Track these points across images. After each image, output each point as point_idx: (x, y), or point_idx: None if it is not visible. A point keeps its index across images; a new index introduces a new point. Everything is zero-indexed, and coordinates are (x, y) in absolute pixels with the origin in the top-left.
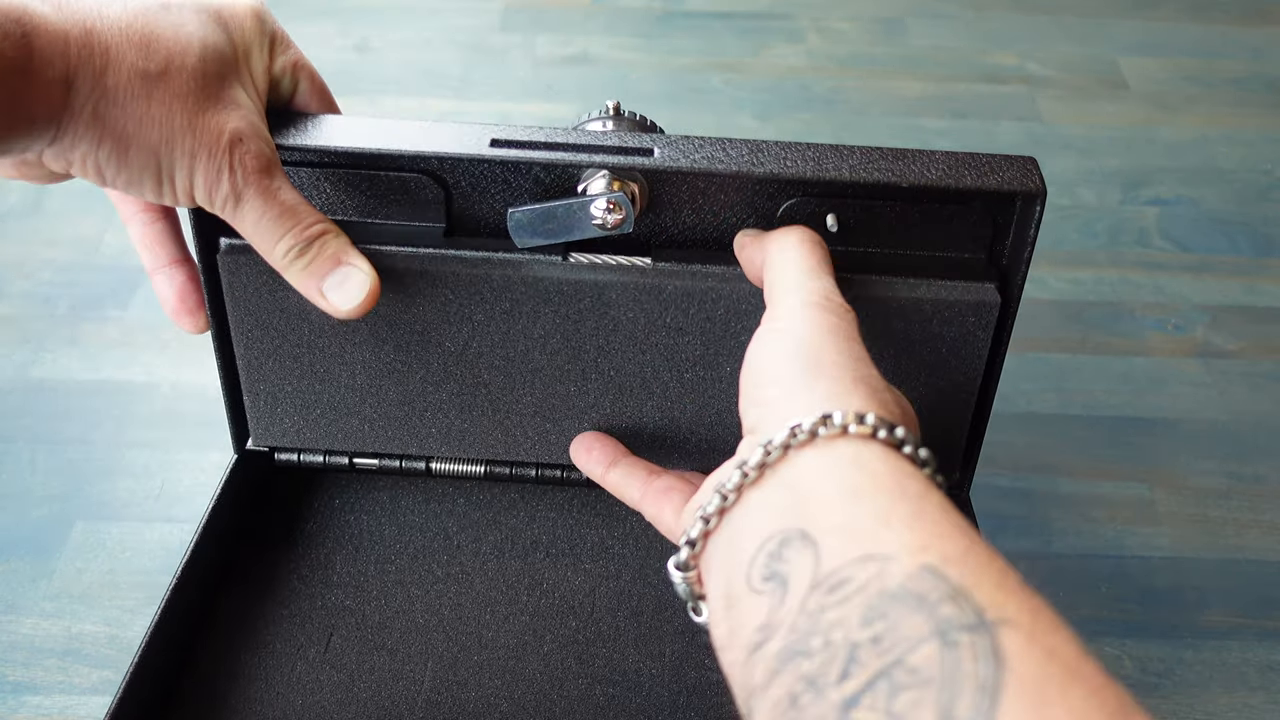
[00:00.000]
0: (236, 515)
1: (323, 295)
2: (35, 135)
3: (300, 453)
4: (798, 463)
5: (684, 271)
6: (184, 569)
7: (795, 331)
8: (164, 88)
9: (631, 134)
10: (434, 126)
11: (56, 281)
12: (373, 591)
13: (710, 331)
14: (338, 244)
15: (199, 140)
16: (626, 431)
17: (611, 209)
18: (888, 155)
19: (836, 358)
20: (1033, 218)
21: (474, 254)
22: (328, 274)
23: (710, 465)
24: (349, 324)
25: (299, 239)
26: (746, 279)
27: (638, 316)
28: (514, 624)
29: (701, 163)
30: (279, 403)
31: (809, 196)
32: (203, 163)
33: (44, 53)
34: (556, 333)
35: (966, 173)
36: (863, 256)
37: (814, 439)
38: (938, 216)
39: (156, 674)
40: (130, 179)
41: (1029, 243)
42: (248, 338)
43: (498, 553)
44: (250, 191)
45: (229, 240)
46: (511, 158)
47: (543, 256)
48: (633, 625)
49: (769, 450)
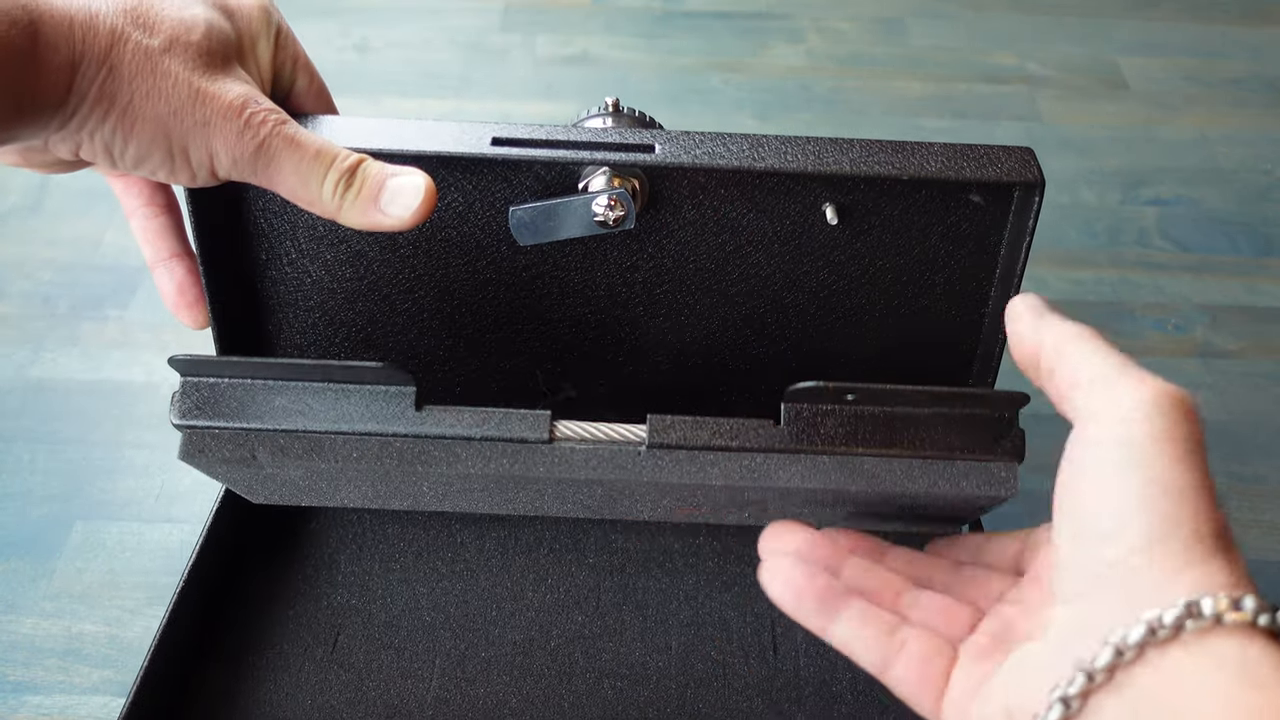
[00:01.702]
0: (240, 516)
1: (384, 213)
2: (43, 121)
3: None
4: (1162, 668)
5: (681, 460)
6: (189, 572)
7: (1133, 448)
8: (168, 61)
9: (632, 130)
10: (434, 125)
11: (56, 281)
12: (378, 590)
13: (713, 499)
14: (377, 165)
15: (210, 108)
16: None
17: (612, 205)
18: (886, 148)
19: (1192, 498)
20: (1031, 208)
21: (448, 439)
22: (379, 193)
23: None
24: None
25: (342, 172)
26: (746, 454)
27: (633, 506)
28: (520, 620)
29: (702, 158)
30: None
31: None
32: (219, 129)
33: (49, 37)
34: (544, 504)
35: (965, 164)
36: (864, 249)
37: (1178, 634)
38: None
39: (165, 677)
40: (139, 155)
41: (1028, 232)
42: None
43: (502, 549)
44: (278, 142)
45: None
46: (513, 157)
47: (523, 444)
48: (638, 619)
49: (1121, 650)
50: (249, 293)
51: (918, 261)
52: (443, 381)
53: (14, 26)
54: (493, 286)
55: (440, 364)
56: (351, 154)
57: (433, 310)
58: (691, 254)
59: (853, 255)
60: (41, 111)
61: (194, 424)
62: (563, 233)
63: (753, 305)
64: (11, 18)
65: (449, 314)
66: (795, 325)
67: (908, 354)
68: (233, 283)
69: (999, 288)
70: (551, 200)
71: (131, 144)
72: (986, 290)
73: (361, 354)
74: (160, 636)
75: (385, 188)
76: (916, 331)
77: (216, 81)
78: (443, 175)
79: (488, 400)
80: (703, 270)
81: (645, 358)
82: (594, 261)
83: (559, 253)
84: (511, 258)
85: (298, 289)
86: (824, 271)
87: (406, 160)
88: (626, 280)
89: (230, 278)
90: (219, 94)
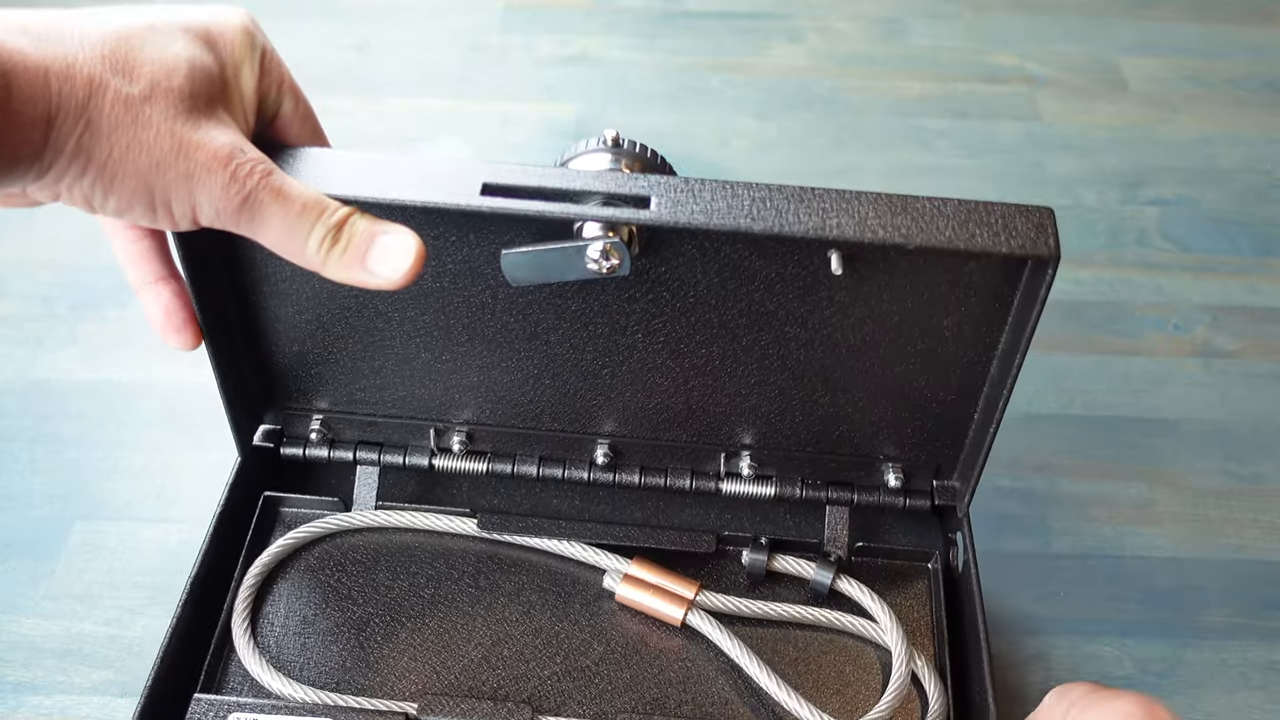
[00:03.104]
0: (245, 518)
1: (370, 272)
2: (19, 173)
3: (306, 445)
4: None
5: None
6: (194, 578)
7: None
8: (149, 110)
9: (628, 178)
10: (424, 166)
11: (56, 281)
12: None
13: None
14: (366, 220)
15: (194, 160)
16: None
17: (607, 254)
18: (895, 206)
19: None
20: (1043, 280)
21: None
22: (368, 251)
23: None
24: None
25: (328, 227)
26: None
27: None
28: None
29: (698, 217)
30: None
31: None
32: (203, 182)
33: (24, 91)
34: None
35: (977, 230)
36: (869, 293)
37: None
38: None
39: (175, 683)
40: (120, 206)
41: (1039, 302)
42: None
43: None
44: (265, 195)
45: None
46: (500, 209)
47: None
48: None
49: None
50: (242, 312)
51: (925, 303)
52: (441, 387)
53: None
54: (489, 310)
55: (439, 376)
56: (340, 208)
57: (430, 325)
58: (691, 290)
59: (858, 297)
60: (16, 165)
61: None
62: (555, 277)
63: (753, 337)
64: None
65: (445, 326)
66: (797, 360)
67: (905, 401)
68: (224, 305)
69: (1009, 335)
70: (544, 246)
71: (112, 197)
72: (997, 338)
73: (358, 363)
74: (168, 642)
75: (374, 246)
76: (919, 374)
77: (200, 129)
78: (433, 220)
79: (489, 401)
80: (702, 304)
81: (646, 379)
82: (590, 290)
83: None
84: (506, 283)
85: (293, 304)
86: (826, 310)
87: (395, 212)
88: (624, 310)
89: (221, 302)
90: (203, 144)
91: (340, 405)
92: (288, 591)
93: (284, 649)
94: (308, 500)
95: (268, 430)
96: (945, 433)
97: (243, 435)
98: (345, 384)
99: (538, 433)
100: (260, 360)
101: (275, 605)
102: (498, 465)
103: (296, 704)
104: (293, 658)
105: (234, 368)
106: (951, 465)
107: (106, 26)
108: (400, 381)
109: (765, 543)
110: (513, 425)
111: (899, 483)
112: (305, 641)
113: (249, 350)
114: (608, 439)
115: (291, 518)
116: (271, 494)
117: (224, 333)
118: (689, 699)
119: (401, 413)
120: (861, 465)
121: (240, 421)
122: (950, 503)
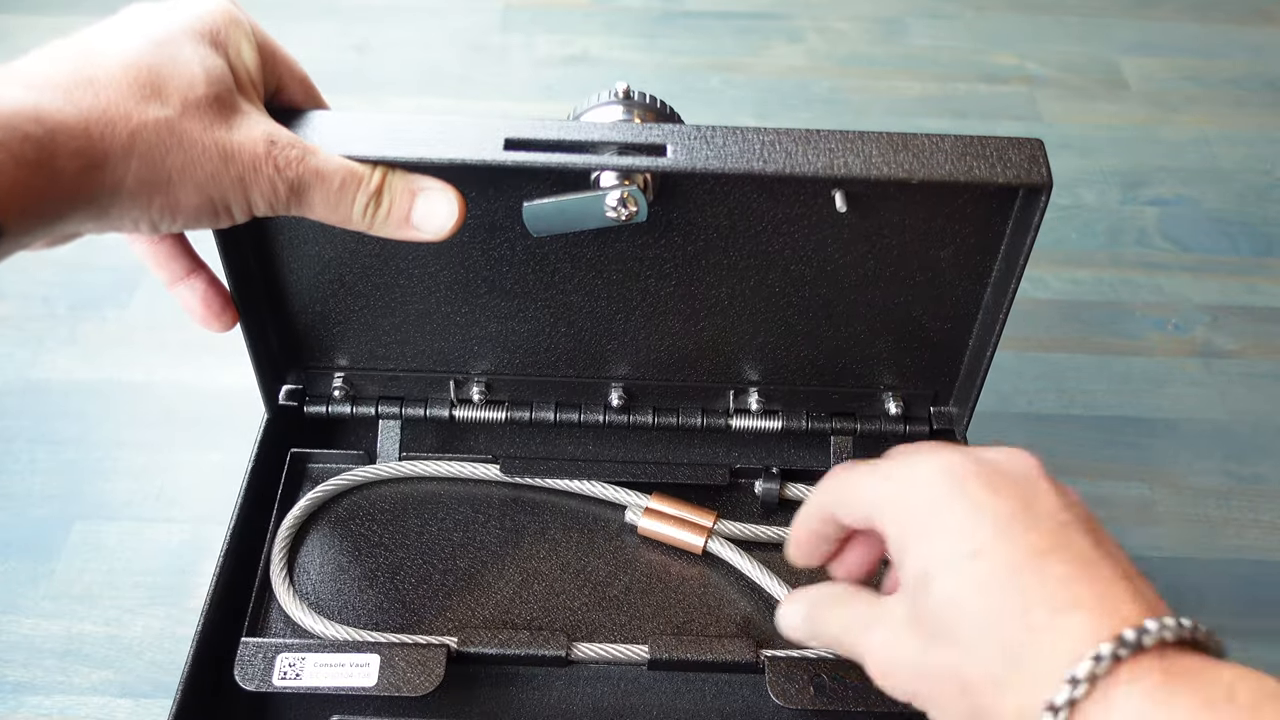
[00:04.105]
0: (275, 474)
1: (416, 229)
2: (76, 220)
3: (329, 403)
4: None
5: (680, 682)
6: (232, 532)
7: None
8: (188, 126)
9: (643, 128)
10: (444, 124)
11: (56, 281)
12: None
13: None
14: (400, 178)
15: (241, 164)
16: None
17: (625, 202)
18: (896, 144)
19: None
20: (1037, 208)
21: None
22: (409, 210)
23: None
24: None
25: (369, 194)
26: (731, 668)
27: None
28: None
29: (712, 161)
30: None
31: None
32: (254, 182)
33: (68, 146)
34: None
35: (974, 163)
36: (871, 228)
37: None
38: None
39: (222, 630)
40: (186, 222)
41: (1032, 228)
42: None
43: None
44: (307, 179)
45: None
46: (525, 163)
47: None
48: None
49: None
50: (268, 279)
51: (923, 236)
52: (459, 339)
53: (26, 141)
54: (506, 263)
55: (458, 329)
56: (375, 171)
57: (449, 280)
58: (701, 234)
59: (860, 233)
60: (72, 215)
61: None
62: (575, 226)
63: (760, 277)
64: (24, 132)
65: (464, 280)
66: (801, 296)
67: (904, 332)
68: (250, 275)
69: (1002, 263)
70: (564, 196)
71: (180, 216)
72: (990, 267)
73: (378, 320)
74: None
75: (415, 205)
76: (917, 305)
77: (235, 129)
78: (455, 176)
79: (505, 351)
80: (712, 247)
81: (658, 323)
82: (605, 238)
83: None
84: (524, 235)
85: (315, 267)
86: (830, 246)
87: (424, 169)
88: (639, 257)
89: (248, 273)
90: (243, 145)
91: (361, 362)
92: (321, 542)
93: (321, 595)
94: (333, 455)
95: (291, 390)
96: (942, 360)
97: (270, 395)
98: (366, 341)
99: (554, 379)
100: (284, 323)
101: (310, 555)
102: (516, 413)
103: (341, 642)
104: (330, 602)
105: (261, 334)
106: (948, 392)
107: (124, 57)
108: (420, 336)
109: (777, 472)
110: (530, 373)
111: (899, 410)
112: (341, 587)
113: (274, 315)
114: (622, 382)
115: (318, 473)
116: (298, 450)
117: (252, 302)
118: (714, 620)
119: (421, 366)
120: (863, 396)
121: (267, 382)
122: (948, 427)
